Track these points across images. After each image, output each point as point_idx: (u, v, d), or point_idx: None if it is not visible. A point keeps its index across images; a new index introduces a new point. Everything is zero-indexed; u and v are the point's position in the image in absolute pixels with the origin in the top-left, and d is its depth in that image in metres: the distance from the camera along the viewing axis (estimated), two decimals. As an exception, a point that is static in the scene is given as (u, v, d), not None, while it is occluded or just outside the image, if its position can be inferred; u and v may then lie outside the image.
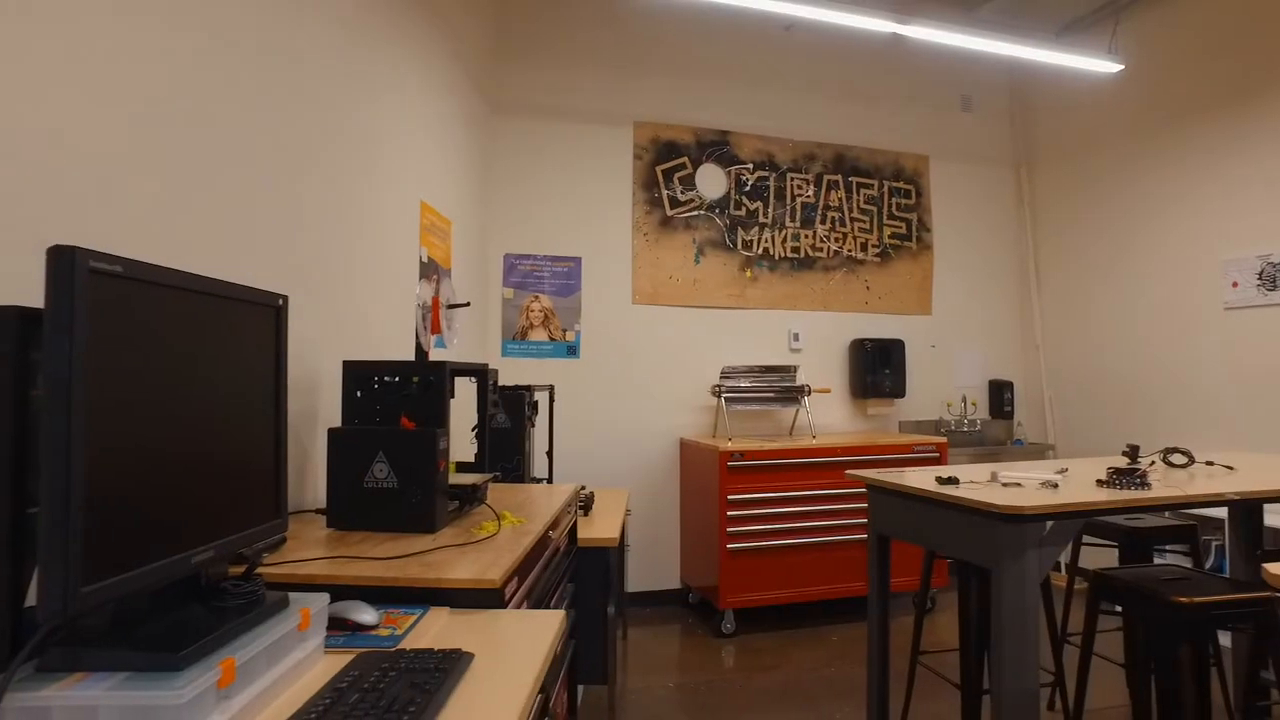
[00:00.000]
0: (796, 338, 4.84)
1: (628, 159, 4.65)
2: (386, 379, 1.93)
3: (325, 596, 1.11)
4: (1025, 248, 5.51)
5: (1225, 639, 3.48)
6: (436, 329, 2.25)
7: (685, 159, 4.74)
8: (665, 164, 4.70)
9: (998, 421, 5.28)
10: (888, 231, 5.13)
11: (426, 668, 1.01)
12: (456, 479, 2.04)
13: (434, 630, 1.23)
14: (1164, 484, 2.25)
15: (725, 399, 4.40)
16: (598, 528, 2.84)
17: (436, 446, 1.78)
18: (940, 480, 2.26)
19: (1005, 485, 2.22)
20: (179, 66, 1.49)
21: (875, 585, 2.55)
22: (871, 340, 4.82)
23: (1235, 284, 4.17)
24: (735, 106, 4.86)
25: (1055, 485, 2.20)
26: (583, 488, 3.35)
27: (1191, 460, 2.67)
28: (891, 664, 3.59)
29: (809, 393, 4.48)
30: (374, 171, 2.54)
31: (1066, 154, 5.25)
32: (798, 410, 4.79)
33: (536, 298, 4.46)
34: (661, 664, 3.64)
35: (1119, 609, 3.65)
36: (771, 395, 4.48)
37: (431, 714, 0.89)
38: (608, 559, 2.68)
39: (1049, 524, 1.97)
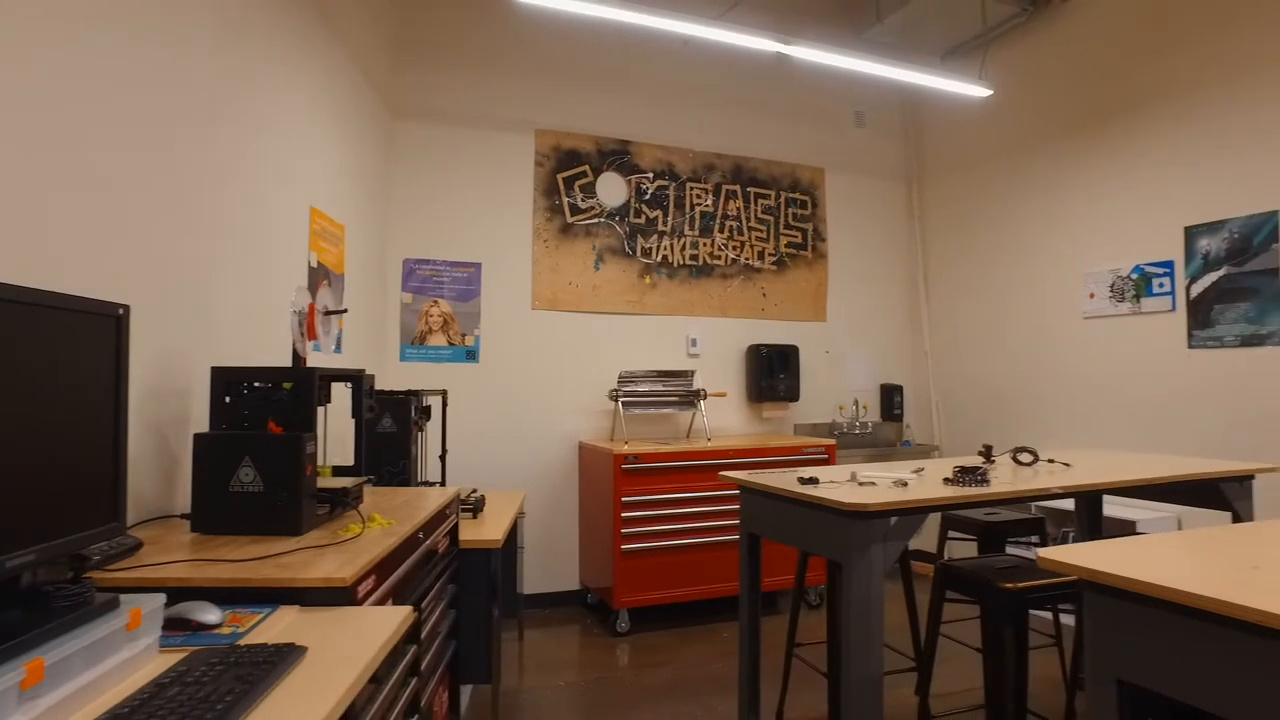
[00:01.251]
0: (694, 343, 4.98)
1: (529, 166, 4.71)
2: (256, 385, 1.95)
3: (160, 597, 1.15)
4: (915, 258, 5.81)
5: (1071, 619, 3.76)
6: (313, 335, 2.27)
7: (586, 167, 4.83)
8: (566, 171, 4.78)
9: (888, 424, 5.54)
10: (784, 241, 5.33)
11: (255, 661, 1.06)
12: (329, 483, 2.07)
13: (278, 628, 1.27)
14: (1002, 481, 2.44)
15: (623, 403, 4.50)
16: (485, 530, 2.89)
17: (303, 451, 1.81)
18: (801, 480, 2.40)
19: (861, 484, 2.37)
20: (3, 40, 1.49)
21: (746, 582, 2.68)
22: (767, 346, 5.00)
23: (1092, 295, 4.50)
24: (637, 117, 4.97)
25: (905, 484, 2.37)
26: (474, 491, 3.39)
27: (1036, 458, 2.90)
28: (774, 657, 3.74)
29: (705, 397, 4.62)
30: (258, 177, 2.53)
31: (952, 170, 5.56)
32: (694, 414, 4.93)
33: (436, 302, 4.47)
34: (555, 664, 3.70)
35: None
36: (668, 399, 4.61)
37: (246, 705, 0.94)
38: (491, 561, 2.73)
39: (893, 520, 2.12)
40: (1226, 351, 3.85)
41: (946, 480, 2.43)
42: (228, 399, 1.92)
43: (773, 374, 4.98)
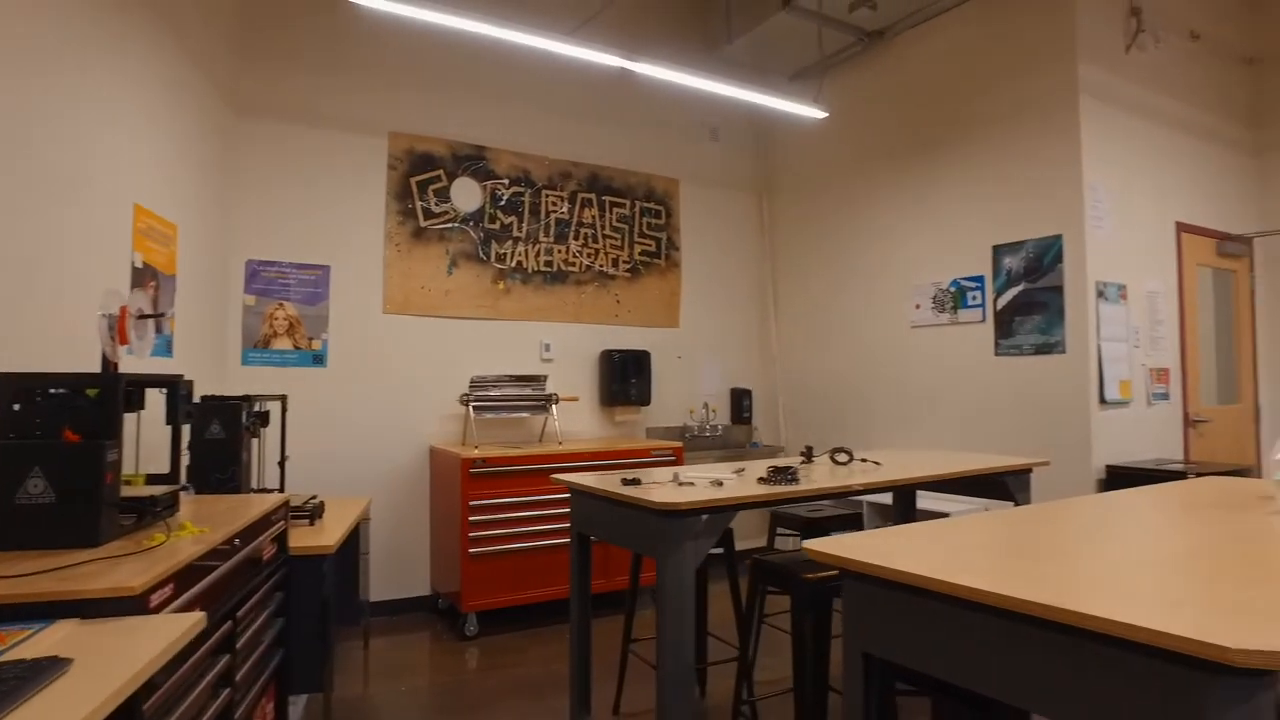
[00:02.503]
0: (548, 348, 5.05)
1: (382, 169, 4.65)
2: (53, 391, 1.88)
3: (-89, 613, 1.11)
4: (765, 268, 6.11)
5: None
6: (124, 339, 2.19)
7: (441, 171, 4.81)
8: (420, 175, 4.75)
9: (738, 426, 5.79)
10: (638, 249, 5.48)
11: (6, 678, 1.05)
12: (137, 491, 2.01)
13: (49, 642, 1.25)
14: (811, 479, 2.64)
15: (474, 407, 4.52)
16: (320, 536, 2.86)
17: (102, 459, 1.76)
18: (625, 481, 2.52)
19: (681, 485, 2.51)
20: None
21: (577, 581, 2.78)
22: (620, 351, 5.14)
23: (918, 306, 4.89)
24: (493, 123, 5.00)
25: (721, 484, 2.53)
26: (312, 498, 3.33)
27: (851, 458, 3.14)
28: (615, 654, 3.86)
29: (557, 401, 4.70)
30: (75, 172, 2.41)
31: (799, 185, 5.89)
32: (546, 418, 5.00)
33: (281, 305, 4.34)
34: (400, 669, 3.68)
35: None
36: (521, 403, 4.66)
37: (-8, 715, 0.94)
38: (324, 567, 2.71)
39: (704, 518, 2.27)
40: (1023, 358, 4.28)
41: (761, 480, 2.60)
42: (16, 406, 1.84)
43: (625, 379, 5.12)
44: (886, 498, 4.55)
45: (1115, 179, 4.27)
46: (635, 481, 2.53)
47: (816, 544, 1.56)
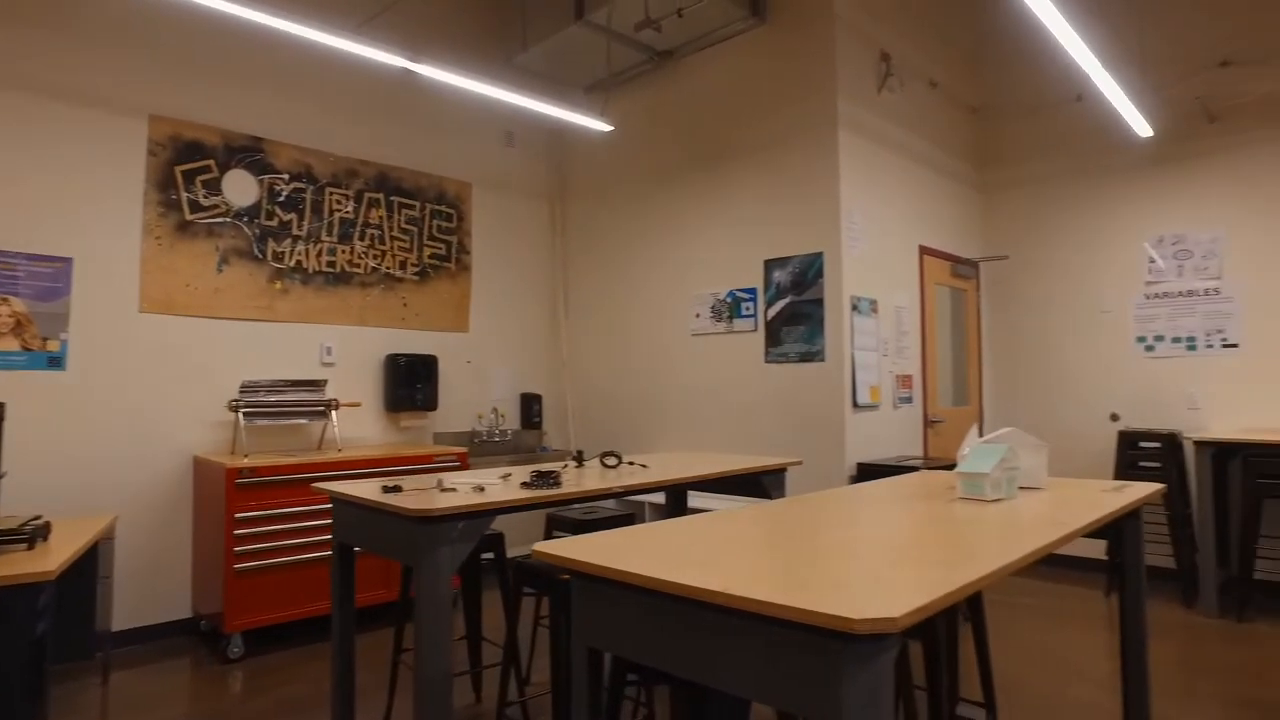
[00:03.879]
0: (329, 352, 4.85)
1: (140, 154, 4.26)
2: None
3: None
4: (557, 274, 6.20)
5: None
6: None
7: (211, 161, 4.49)
8: (186, 164, 4.40)
9: (528, 431, 5.84)
10: (428, 252, 5.39)
11: None
12: None
13: None
14: (571, 483, 2.73)
15: (244, 414, 4.25)
16: (39, 561, 2.58)
17: None
18: (385, 489, 2.49)
19: (444, 491, 2.51)
20: None
21: (338, 592, 2.70)
22: (407, 355, 5.03)
23: (698, 315, 5.17)
24: (273, 114, 4.72)
25: (483, 489, 2.56)
26: (35, 518, 3.00)
27: (620, 461, 3.28)
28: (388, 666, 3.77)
29: (337, 407, 4.52)
30: None
31: (591, 194, 6.03)
32: (326, 424, 4.80)
33: (6, 300, 3.86)
34: (147, 704, 3.38)
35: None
36: (297, 410, 4.44)
37: None
38: (38, 598, 2.44)
39: (461, 524, 2.29)
40: (790, 366, 4.64)
41: (524, 485, 2.66)
42: None
43: (412, 383, 5.02)
44: (657, 497, 4.76)
45: (869, 204, 4.75)
46: (396, 489, 2.50)
47: (545, 546, 1.63)
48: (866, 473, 4.35)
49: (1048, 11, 3.42)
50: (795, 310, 4.62)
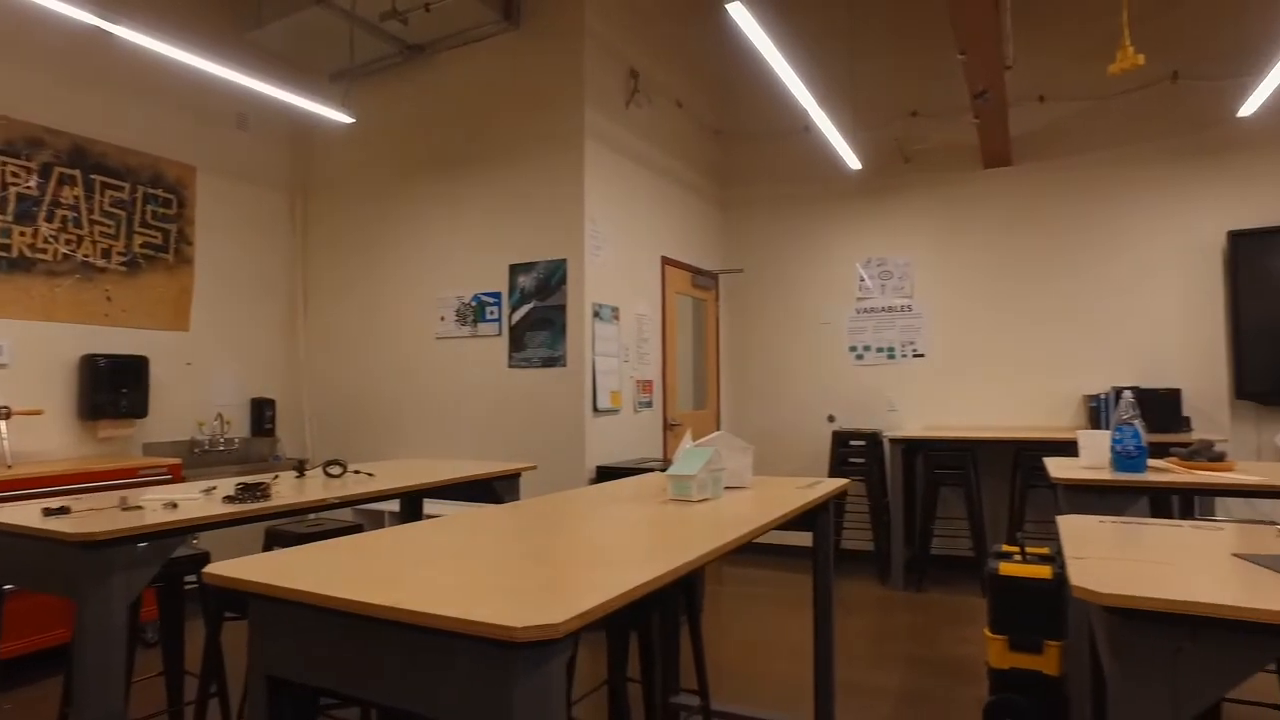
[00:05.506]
0: (0, 351, 4.16)
1: None
2: None
3: None
4: (296, 271, 5.79)
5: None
6: None
7: None
8: None
9: (259, 439, 5.40)
10: (139, 240, 4.81)
11: None
12: None
13: None
14: (283, 495, 2.56)
15: (-122, 425, 3.54)
16: None
17: None
18: (47, 512, 2.18)
19: (126, 509, 2.25)
20: None
21: (-11, 631, 2.32)
22: (109, 356, 4.45)
23: (443, 318, 5.06)
24: (-75, 66, 3.98)
25: (176, 505, 2.32)
26: None
27: (345, 469, 3.12)
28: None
29: (9, 415, 3.90)
30: None
31: (336, 188, 5.70)
32: (-2, 435, 4.12)
33: None
34: None
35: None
36: (-45, 419, 3.77)
37: None
38: None
39: (141, 545, 2.05)
40: (533, 370, 4.68)
41: (227, 498, 2.45)
42: None
43: (115, 388, 4.45)
44: (391, 505, 4.60)
45: (613, 213, 4.91)
46: (62, 510, 2.19)
47: (217, 568, 1.51)
48: (605, 475, 4.49)
49: (773, 54, 3.75)
50: (539, 315, 4.67)
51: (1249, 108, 4.70)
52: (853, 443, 5.64)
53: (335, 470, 3.10)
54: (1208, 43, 5.15)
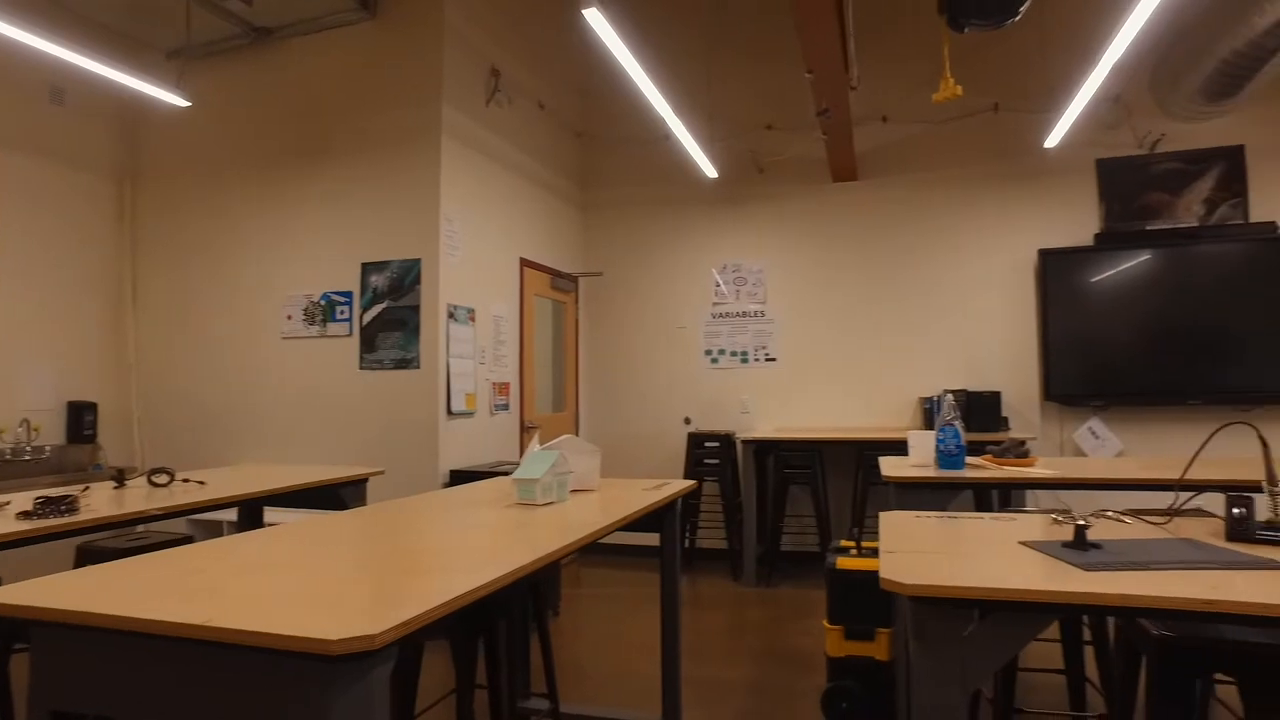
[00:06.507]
0: None
1: None
2: None
3: None
4: (124, 263, 5.34)
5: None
6: None
7: None
8: None
9: (77, 446, 4.93)
10: (-71, 225, 4.30)
11: None
12: None
13: None
14: (94, 509, 2.36)
15: None
16: None
17: None
18: None
19: (-103, 527, 2.00)
20: None
21: None
22: (-111, 354, 3.95)
23: (290, 317, 4.81)
24: None
25: (-39, 521, 2.09)
26: None
27: (173, 478, 2.91)
28: None
29: None
30: None
31: (174, 176, 5.30)
32: None
33: None
34: None
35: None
36: None
37: None
38: None
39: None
40: (385, 372, 4.53)
41: (23, 514, 2.23)
42: None
43: (-105, 389, 3.95)
44: (229, 514, 4.35)
45: (470, 213, 4.83)
46: None
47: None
48: (459, 479, 4.40)
49: (629, 61, 3.80)
50: (392, 316, 4.53)
51: (1053, 140, 5.21)
52: (707, 444, 5.80)
53: (161, 479, 2.89)
54: (1023, 79, 5.66)
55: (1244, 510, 1.63)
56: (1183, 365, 5.18)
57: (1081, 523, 1.63)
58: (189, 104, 4.81)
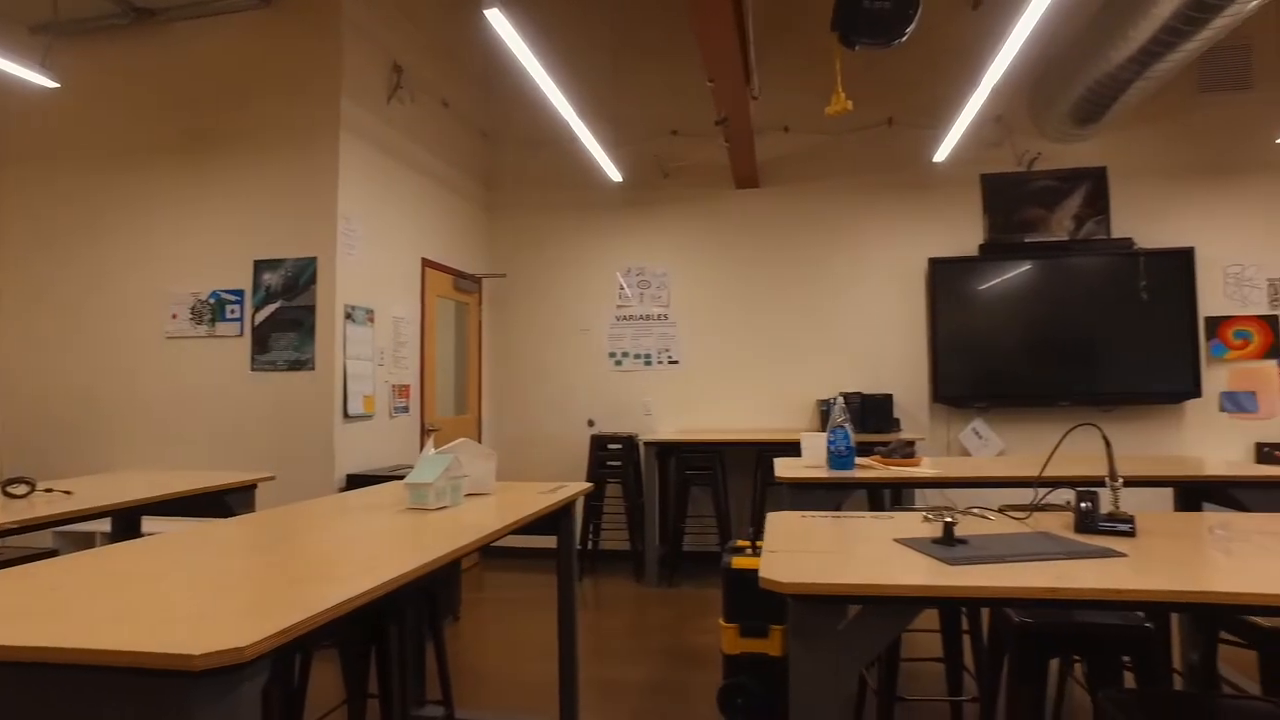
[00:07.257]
0: None
1: None
2: None
3: None
4: (-15, 256, 4.97)
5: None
6: None
7: None
8: None
9: (-70, 451, 4.57)
10: None
11: None
12: None
13: None
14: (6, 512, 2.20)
15: None
16: None
17: None
18: None
19: None
20: None
21: None
22: None
23: (175, 316, 4.59)
24: None
25: None
26: None
27: (33, 489, 2.73)
28: None
29: None
30: None
31: (35, 162, 4.96)
32: None
33: None
34: None
35: None
36: None
37: None
38: None
39: None
40: (278, 374, 4.37)
41: None
42: None
43: None
44: (103, 525, 4.12)
45: (369, 212, 4.71)
46: None
47: None
48: (357, 483, 4.29)
49: (531, 63, 3.78)
50: (286, 316, 4.37)
51: (941, 154, 5.49)
52: (611, 446, 5.83)
53: (19, 490, 2.71)
54: (915, 96, 5.93)
55: (1090, 504, 1.77)
56: (1056, 369, 5.54)
57: (949, 520, 1.72)
58: (57, 85, 4.51)
